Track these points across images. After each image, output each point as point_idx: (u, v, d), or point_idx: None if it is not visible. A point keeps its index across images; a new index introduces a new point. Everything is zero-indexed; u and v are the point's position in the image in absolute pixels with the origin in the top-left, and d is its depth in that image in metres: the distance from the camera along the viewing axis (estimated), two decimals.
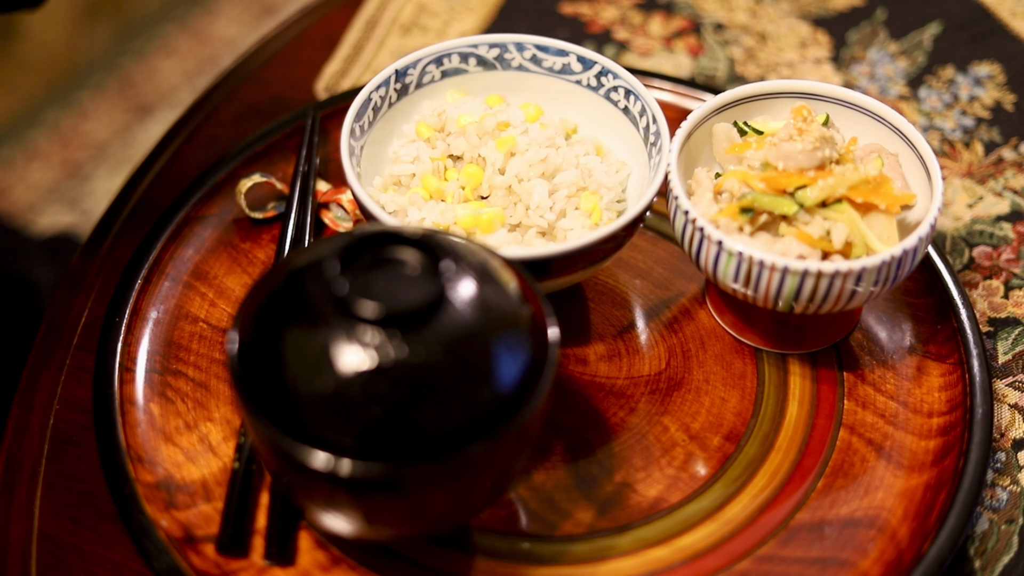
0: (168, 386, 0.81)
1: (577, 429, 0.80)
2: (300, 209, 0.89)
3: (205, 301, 0.86)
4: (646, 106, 0.85)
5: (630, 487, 0.77)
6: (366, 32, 1.11)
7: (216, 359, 0.82)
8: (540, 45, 0.89)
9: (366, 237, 0.67)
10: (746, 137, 0.83)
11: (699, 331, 0.85)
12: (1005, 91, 1.03)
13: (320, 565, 0.73)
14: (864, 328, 0.85)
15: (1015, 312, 0.87)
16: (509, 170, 0.83)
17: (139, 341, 0.83)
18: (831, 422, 0.80)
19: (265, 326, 0.66)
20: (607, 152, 0.89)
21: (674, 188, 0.78)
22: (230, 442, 0.78)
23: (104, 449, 0.77)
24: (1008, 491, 0.78)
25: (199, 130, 1.00)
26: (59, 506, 0.76)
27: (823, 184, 0.77)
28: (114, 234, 0.92)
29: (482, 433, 0.63)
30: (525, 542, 0.75)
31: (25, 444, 0.79)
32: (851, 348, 0.84)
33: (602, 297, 0.87)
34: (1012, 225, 0.93)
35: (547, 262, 0.77)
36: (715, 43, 1.09)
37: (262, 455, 0.69)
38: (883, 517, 0.75)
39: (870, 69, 1.06)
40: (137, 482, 0.75)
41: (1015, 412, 0.82)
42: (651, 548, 0.74)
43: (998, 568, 0.75)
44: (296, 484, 0.67)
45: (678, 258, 0.89)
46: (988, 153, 0.99)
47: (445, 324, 0.65)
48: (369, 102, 0.86)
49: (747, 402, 0.81)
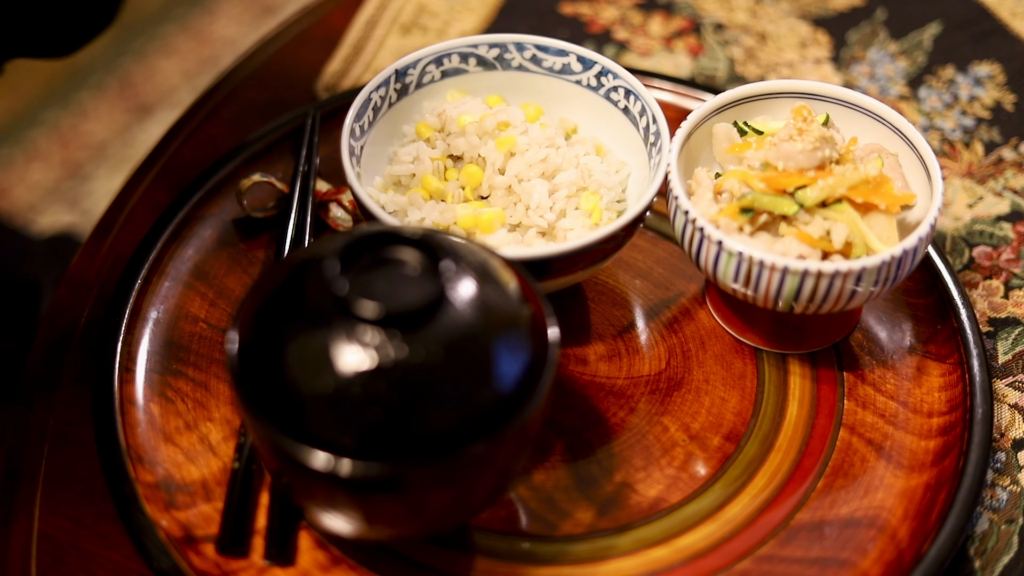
0: (168, 386, 0.81)
1: (577, 429, 0.80)
2: (300, 209, 0.89)
3: (205, 301, 0.86)
4: (646, 106, 0.85)
5: (630, 487, 0.77)
6: (366, 32, 1.11)
7: (216, 359, 0.82)
8: (540, 45, 0.89)
9: (366, 237, 0.67)
10: (746, 137, 0.83)
11: (699, 331, 0.85)
12: (1005, 91, 1.03)
13: (320, 565, 0.73)
14: (864, 328, 0.85)
15: (1015, 312, 0.87)
16: (509, 170, 0.83)
17: (139, 341, 0.83)
18: (831, 422, 0.80)
19: (265, 326, 0.66)
20: (607, 152, 0.89)
21: (674, 188, 0.78)
22: (230, 442, 0.78)
23: (104, 449, 0.77)
24: (1008, 491, 0.78)
25: (199, 130, 1.00)
26: (59, 506, 0.76)
27: (823, 184, 0.77)
28: (114, 234, 0.92)
29: (482, 433, 0.63)
30: (525, 542, 0.75)
31: (25, 444, 0.79)
32: (851, 348, 0.84)
33: (602, 297, 0.87)
34: (1012, 225, 0.93)
35: (547, 262, 0.77)
36: (715, 43, 1.09)
37: (262, 455, 0.69)
38: (883, 517, 0.75)
39: (870, 69, 1.06)
40: (137, 482, 0.75)
41: (1015, 412, 0.82)
42: (651, 548, 0.74)
43: (998, 568, 0.75)
44: (296, 484, 0.67)
45: (678, 258, 0.89)
46: (988, 153, 0.99)
47: (445, 324, 0.65)
48: (369, 102, 0.85)
49: (747, 402, 0.81)
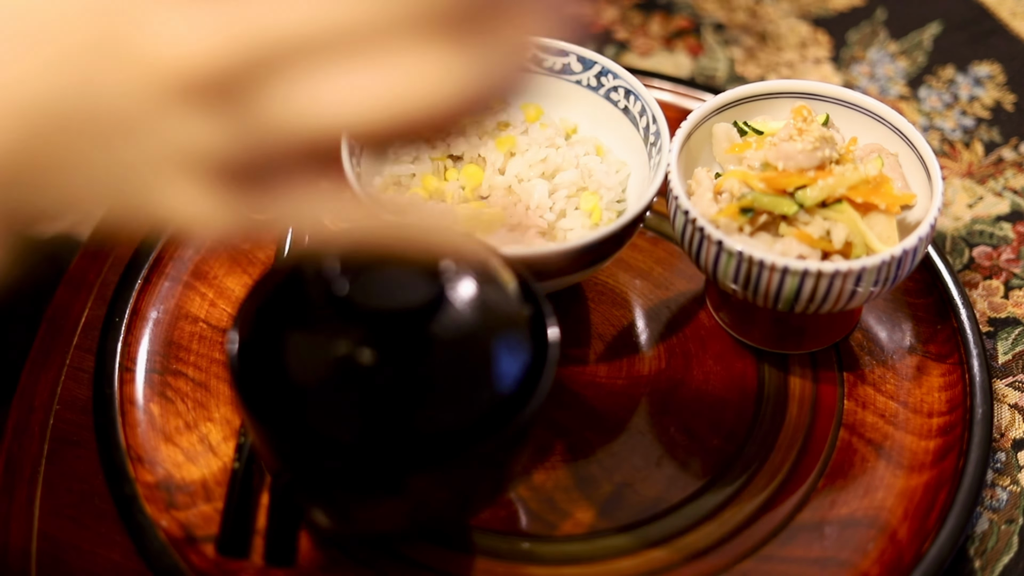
0: (168, 386, 0.81)
1: (577, 429, 0.80)
2: None
3: (205, 301, 0.86)
4: (646, 106, 0.85)
5: (630, 487, 0.77)
6: None
7: (216, 359, 0.82)
8: (540, 45, 0.89)
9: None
10: (746, 137, 0.83)
11: (699, 331, 0.85)
12: (1005, 91, 1.03)
13: (320, 565, 0.73)
14: (864, 328, 0.85)
15: (1015, 312, 0.87)
16: (509, 170, 0.83)
17: (139, 341, 0.83)
18: (831, 422, 0.80)
19: (265, 326, 0.66)
20: (607, 152, 0.89)
21: (674, 188, 0.78)
22: (230, 442, 0.78)
23: (104, 449, 0.77)
24: (1008, 491, 0.78)
25: None
26: (59, 506, 0.76)
27: (823, 184, 0.77)
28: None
29: (482, 433, 0.63)
30: (525, 542, 0.74)
31: (25, 444, 0.79)
32: (851, 348, 0.84)
33: (602, 297, 0.87)
34: (1012, 225, 0.93)
35: (547, 262, 0.77)
36: (715, 43, 1.09)
37: (262, 455, 0.69)
38: (883, 517, 0.75)
39: (870, 69, 1.06)
40: (137, 482, 0.75)
41: (1015, 412, 0.82)
42: (651, 548, 0.74)
43: (998, 568, 0.75)
44: (296, 484, 0.67)
45: (678, 258, 0.89)
46: (988, 153, 0.99)
47: (445, 324, 0.65)
48: None
49: (747, 402, 0.81)
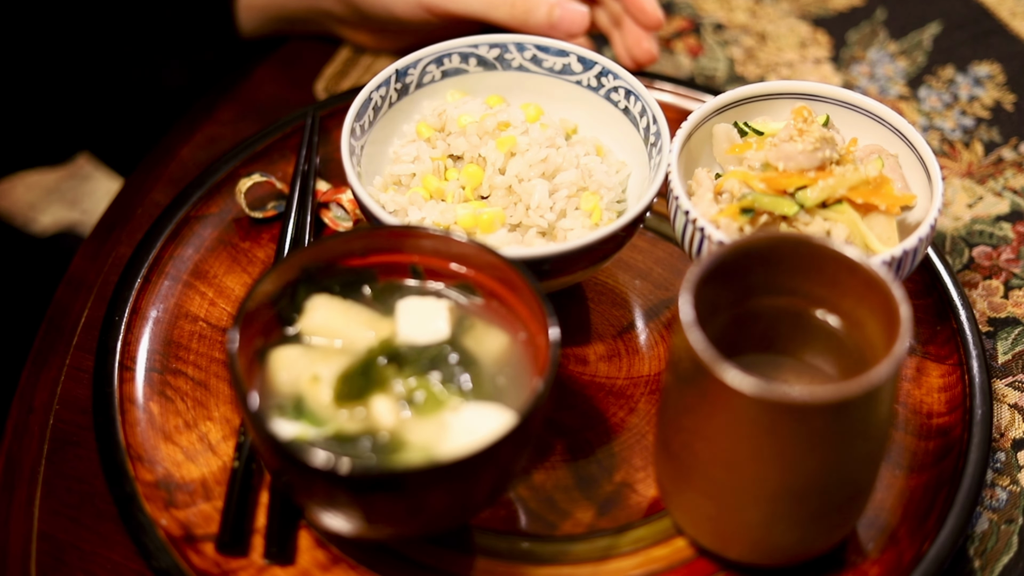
0: (168, 385, 0.81)
1: (577, 429, 0.80)
2: (300, 209, 0.89)
3: (205, 300, 0.86)
4: (646, 106, 0.85)
5: (630, 487, 0.77)
6: None
7: (216, 358, 0.82)
8: (540, 45, 0.89)
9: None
10: (746, 138, 0.83)
11: None
12: (1005, 91, 1.03)
13: (320, 564, 0.73)
14: None
15: (1015, 312, 0.87)
16: (509, 170, 0.83)
17: (139, 340, 0.83)
18: None
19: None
20: (607, 152, 0.89)
21: (674, 188, 0.78)
22: (230, 441, 0.78)
23: (104, 448, 0.77)
24: (1008, 491, 0.78)
25: (199, 130, 1.00)
26: (59, 506, 0.76)
27: (823, 185, 0.77)
28: (114, 234, 0.92)
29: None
30: (525, 542, 0.74)
31: (25, 444, 0.79)
32: None
33: (602, 297, 0.87)
34: (1012, 225, 0.93)
35: (547, 262, 0.77)
36: (715, 43, 1.09)
37: (262, 454, 0.69)
38: (883, 517, 0.75)
39: (870, 69, 1.06)
40: (137, 481, 0.75)
41: (1015, 412, 0.82)
42: (651, 548, 0.74)
43: (998, 568, 0.75)
44: (296, 483, 0.67)
45: (678, 258, 0.89)
46: (988, 153, 0.99)
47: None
48: (370, 102, 0.85)
49: None
